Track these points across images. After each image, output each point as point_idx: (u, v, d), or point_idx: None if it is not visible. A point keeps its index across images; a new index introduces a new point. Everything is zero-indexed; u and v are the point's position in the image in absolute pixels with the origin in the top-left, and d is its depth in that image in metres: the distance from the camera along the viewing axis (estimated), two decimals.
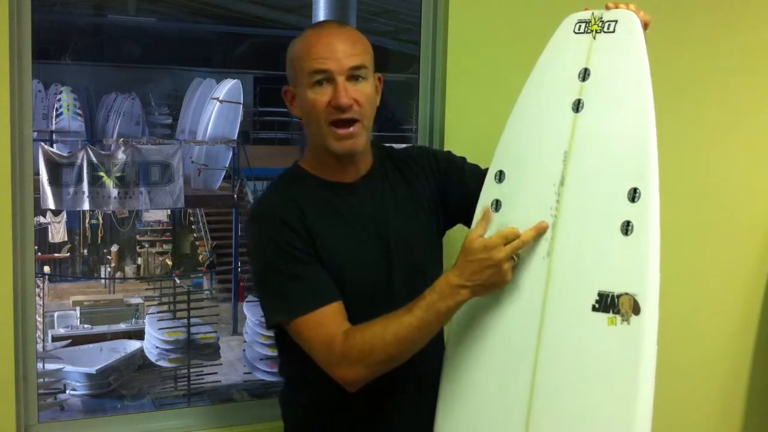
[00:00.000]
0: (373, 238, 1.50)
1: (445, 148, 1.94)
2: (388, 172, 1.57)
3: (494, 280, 1.35)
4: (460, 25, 1.94)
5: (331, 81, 1.41)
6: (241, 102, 8.94)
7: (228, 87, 8.84)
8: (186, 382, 6.49)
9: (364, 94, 1.44)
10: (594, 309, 1.31)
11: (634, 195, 1.30)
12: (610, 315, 1.30)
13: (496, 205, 1.45)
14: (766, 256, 2.39)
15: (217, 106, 8.63)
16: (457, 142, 1.80)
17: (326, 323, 1.40)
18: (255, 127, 13.09)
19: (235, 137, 8.85)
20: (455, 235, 1.66)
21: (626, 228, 1.30)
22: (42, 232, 10.27)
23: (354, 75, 1.42)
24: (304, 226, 1.44)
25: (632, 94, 1.35)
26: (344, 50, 1.42)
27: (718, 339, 2.38)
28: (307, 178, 1.53)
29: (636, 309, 1.28)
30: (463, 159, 1.64)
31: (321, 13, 5.02)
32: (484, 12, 1.96)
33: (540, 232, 1.37)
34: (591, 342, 1.31)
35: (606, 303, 1.30)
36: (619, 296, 1.29)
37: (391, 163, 1.59)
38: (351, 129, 1.43)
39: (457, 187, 1.58)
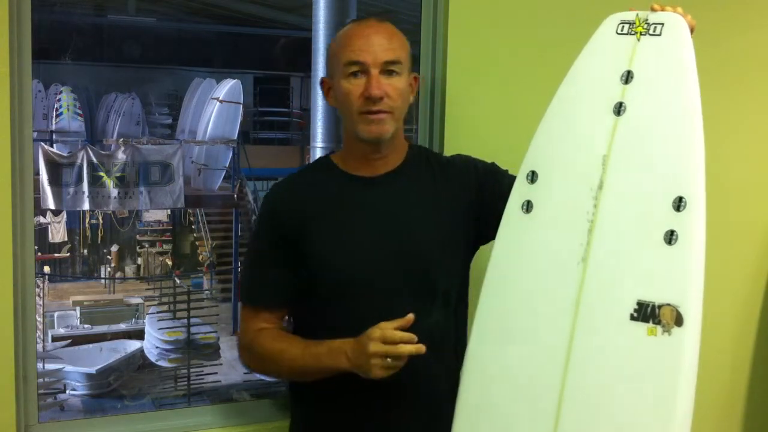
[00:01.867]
0: (379, 236, 1.50)
1: (445, 148, 1.94)
2: (420, 173, 1.57)
3: (363, 367, 1.39)
4: (460, 25, 1.94)
5: (365, 73, 1.44)
6: (241, 102, 8.94)
7: (228, 87, 8.84)
8: (186, 382, 6.49)
9: (396, 88, 1.46)
10: (632, 318, 1.28)
11: (679, 204, 1.28)
12: (650, 325, 1.26)
13: (527, 206, 1.41)
14: (766, 256, 2.39)
15: (217, 106, 8.63)
16: (457, 141, 1.80)
17: (255, 319, 1.55)
18: (255, 127, 13.09)
19: (235, 137, 8.85)
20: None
21: (670, 237, 1.27)
22: (42, 232, 10.26)
23: (388, 69, 1.45)
24: (297, 223, 1.49)
25: (680, 99, 1.31)
26: (380, 44, 1.46)
27: (718, 339, 2.38)
28: (330, 169, 1.56)
29: (679, 320, 1.25)
30: (506, 171, 1.62)
31: (321, 13, 5.02)
32: (484, 12, 1.96)
33: (417, 352, 1.37)
34: (628, 352, 1.28)
35: (646, 313, 1.27)
36: (660, 306, 1.26)
37: (428, 165, 1.59)
38: (379, 115, 1.46)
39: (493, 198, 1.54)
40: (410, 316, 1.36)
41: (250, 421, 1.97)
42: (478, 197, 1.57)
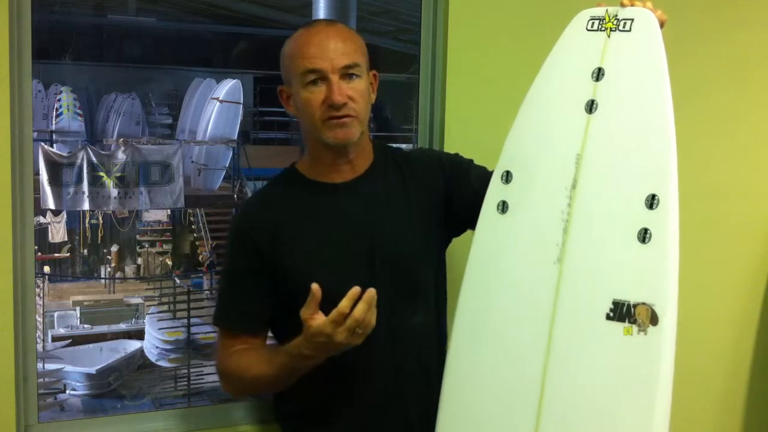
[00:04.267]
0: (358, 242, 1.50)
1: (445, 148, 1.94)
2: (389, 173, 1.56)
3: (343, 349, 1.35)
4: (460, 25, 1.94)
5: (325, 80, 1.41)
6: (241, 102, 8.93)
7: (228, 87, 8.83)
8: (186, 382, 6.49)
9: (358, 90, 1.44)
10: (608, 318, 1.27)
11: (652, 202, 1.26)
12: (626, 324, 1.26)
13: (503, 206, 1.41)
14: (766, 256, 2.39)
15: (217, 106, 8.62)
16: (457, 142, 1.80)
17: (232, 342, 1.53)
18: (255, 127, 13.07)
19: (235, 137, 8.84)
20: (461, 246, 1.66)
21: (644, 235, 1.26)
22: (42, 232, 10.24)
23: (347, 73, 1.43)
24: (271, 240, 1.47)
25: (650, 96, 1.30)
26: (336, 48, 1.42)
27: (718, 339, 2.38)
28: (298, 179, 1.53)
29: (654, 319, 1.24)
30: (470, 161, 1.63)
31: (321, 13, 5.01)
32: (484, 12, 1.96)
33: (367, 301, 1.31)
34: (605, 352, 1.28)
35: (621, 312, 1.26)
36: (635, 305, 1.25)
37: (394, 164, 1.57)
38: (344, 119, 1.43)
39: (462, 190, 1.56)
40: (355, 290, 1.33)
41: (250, 421, 1.97)
42: (446, 190, 1.57)
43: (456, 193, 1.56)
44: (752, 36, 2.29)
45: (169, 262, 11.82)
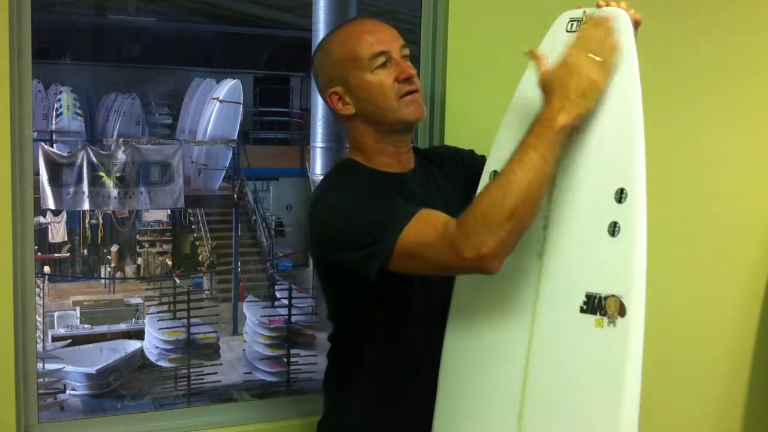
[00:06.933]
0: None
1: None
2: (431, 167, 1.63)
3: (582, 85, 1.30)
4: (460, 25, 1.95)
5: (390, 61, 1.47)
6: (241, 102, 8.95)
7: (228, 87, 8.85)
8: (186, 382, 6.50)
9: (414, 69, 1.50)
10: (582, 311, 1.30)
11: (620, 196, 1.29)
12: (598, 317, 1.28)
13: None
14: (766, 256, 2.39)
15: (217, 106, 8.64)
16: (457, 141, 1.80)
17: (430, 221, 1.35)
18: (255, 127, 13.10)
19: (235, 137, 8.86)
20: None
21: (613, 229, 1.29)
22: (42, 232, 10.26)
23: (405, 55, 1.49)
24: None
25: (620, 94, 1.33)
26: (391, 33, 1.50)
27: (718, 339, 2.38)
28: (362, 169, 1.54)
29: (622, 311, 1.26)
30: (483, 157, 1.67)
31: (321, 13, 5.03)
32: (484, 12, 1.96)
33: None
34: (579, 344, 1.31)
35: (594, 304, 1.29)
36: (606, 298, 1.28)
37: (428, 160, 1.64)
38: (416, 95, 1.49)
39: (476, 181, 1.60)
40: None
41: (250, 421, 1.97)
42: (465, 182, 1.62)
43: (473, 184, 1.61)
44: (752, 37, 2.28)
45: (169, 262, 11.83)
